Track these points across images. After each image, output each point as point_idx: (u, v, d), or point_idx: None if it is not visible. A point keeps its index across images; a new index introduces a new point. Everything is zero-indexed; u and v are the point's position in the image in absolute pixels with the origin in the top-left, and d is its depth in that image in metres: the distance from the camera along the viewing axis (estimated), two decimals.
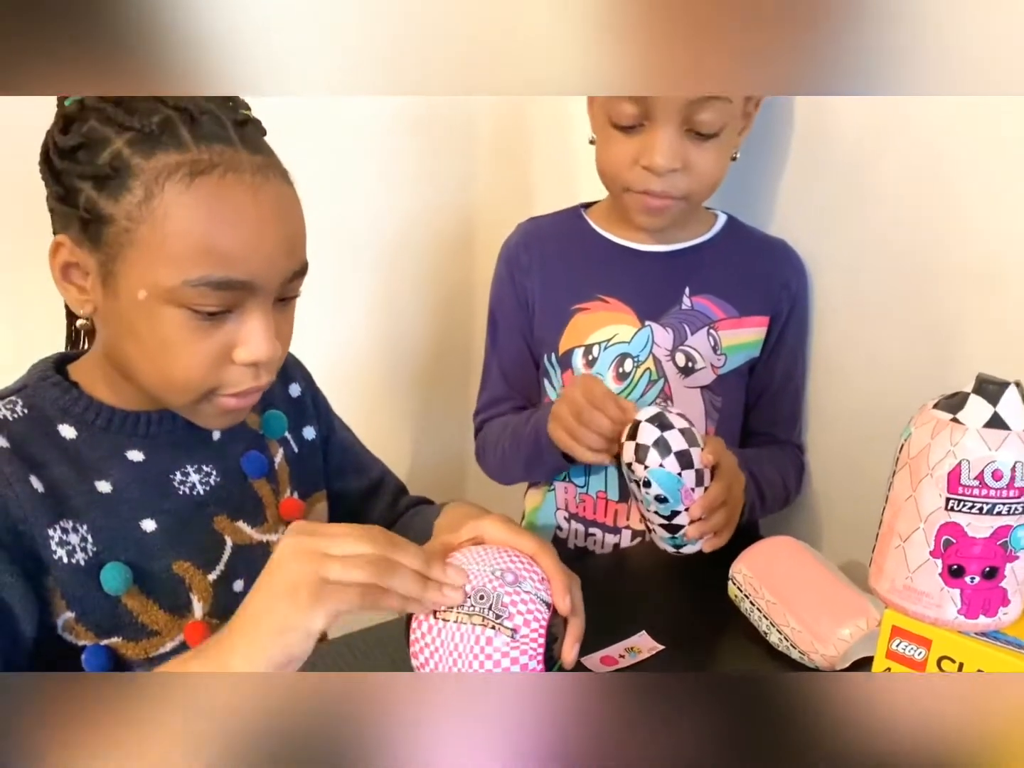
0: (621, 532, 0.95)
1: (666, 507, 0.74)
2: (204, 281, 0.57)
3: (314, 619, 0.49)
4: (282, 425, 0.77)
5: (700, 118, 0.80)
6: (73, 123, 0.58)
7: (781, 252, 0.94)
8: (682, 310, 0.92)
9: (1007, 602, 0.53)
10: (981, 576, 0.52)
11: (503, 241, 1.00)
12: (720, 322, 0.92)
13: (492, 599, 0.55)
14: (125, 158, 0.56)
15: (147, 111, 0.56)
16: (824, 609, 0.67)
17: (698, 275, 0.92)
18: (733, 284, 0.92)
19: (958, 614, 0.53)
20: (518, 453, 0.92)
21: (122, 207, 0.56)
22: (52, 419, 0.64)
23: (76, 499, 0.62)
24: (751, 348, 0.93)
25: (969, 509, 0.51)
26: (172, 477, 0.68)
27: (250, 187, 0.57)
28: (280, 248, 0.60)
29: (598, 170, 0.89)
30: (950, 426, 0.52)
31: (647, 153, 0.82)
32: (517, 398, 1.00)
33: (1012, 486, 0.51)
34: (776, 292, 0.93)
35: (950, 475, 0.51)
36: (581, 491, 0.96)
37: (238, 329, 0.60)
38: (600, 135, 0.87)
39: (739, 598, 0.73)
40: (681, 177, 0.83)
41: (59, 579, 0.60)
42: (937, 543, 0.52)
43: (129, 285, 0.58)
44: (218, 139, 0.57)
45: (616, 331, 0.92)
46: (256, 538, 0.72)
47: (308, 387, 0.81)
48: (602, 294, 0.93)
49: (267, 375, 0.63)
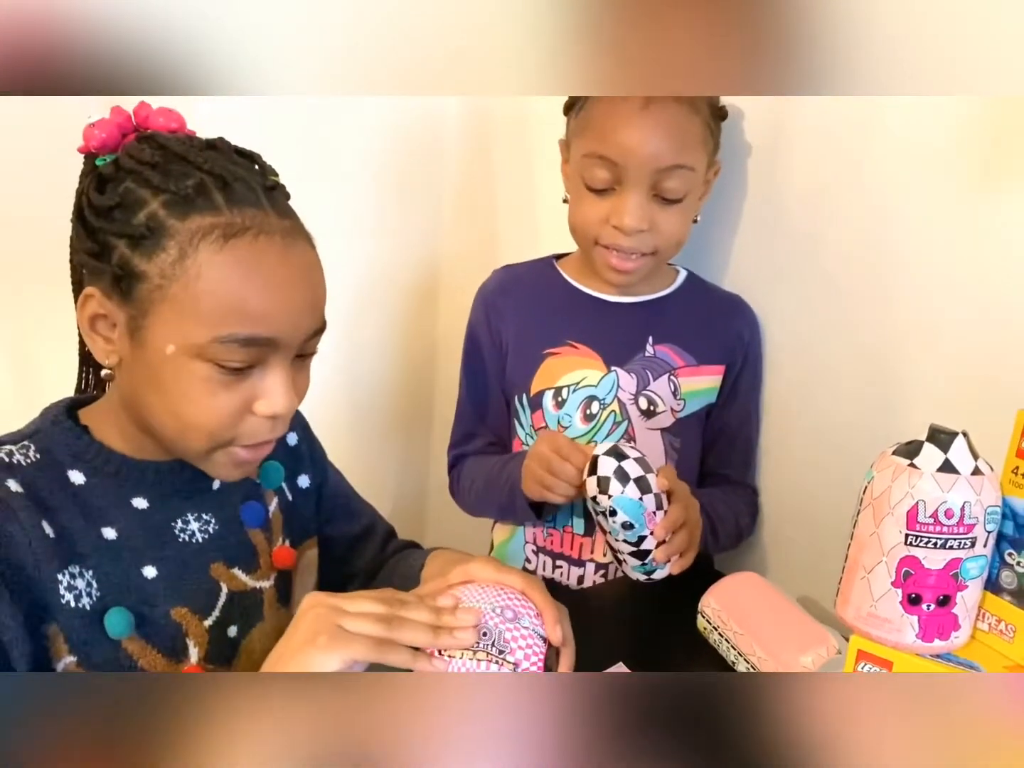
0: (585, 565, 1.00)
1: (632, 533, 0.79)
2: (233, 338, 0.59)
3: (330, 662, 0.53)
4: (279, 476, 0.79)
5: (667, 185, 0.87)
6: (108, 183, 0.61)
7: (736, 306, 1.02)
8: (645, 357, 0.98)
9: (958, 627, 0.60)
10: (936, 604, 0.59)
11: (477, 287, 1.05)
12: (680, 369, 0.99)
13: (494, 635, 0.58)
14: (161, 219, 0.58)
15: (182, 174, 0.59)
16: (787, 639, 0.73)
17: (660, 325, 0.99)
18: (692, 335, 0.99)
19: (916, 638, 0.59)
20: (491, 500, 0.97)
21: (156, 265, 0.58)
22: (63, 464, 0.64)
23: (83, 545, 0.63)
24: (708, 394, 1.00)
25: (925, 544, 0.58)
26: (173, 525, 0.69)
27: (280, 249, 0.60)
28: (305, 308, 0.62)
29: (571, 226, 0.95)
30: (908, 470, 0.59)
31: (617, 214, 0.89)
32: (489, 435, 1.05)
33: (962, 523, 0.57)
34: (731, 343, 1.00)
35: (908, 514, 0.58)
36: (549, 525, 1.01)
37: (259, 384, 0.62)
38: (574, 195, 0.93)
39: (708, 630, 0.78)
40: (648, 237, 0.90)
41: (64, 624, 0.61)
42: (898, 574, 0.59)
43: (157, 339, 0.60)
44: (250, 203, 0.60)
45: (584, 375, 0.98)
46: (250, 585, 0.73)
47: (304, 436, 0.83)
48: (572, 340, 0.99)
49: (282, 427, 0.66)
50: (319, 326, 0.65)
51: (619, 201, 0.89)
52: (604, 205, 0.90)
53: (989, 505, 0.58)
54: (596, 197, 0.90)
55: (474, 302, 1.04)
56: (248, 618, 0.73)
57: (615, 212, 0.89)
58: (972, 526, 0.58)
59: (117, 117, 0.63)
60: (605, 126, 0.87)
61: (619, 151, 0.86)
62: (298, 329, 0.62)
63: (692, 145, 0.88)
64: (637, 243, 0.90)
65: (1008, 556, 0.61)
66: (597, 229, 0.91)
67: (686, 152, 0.87)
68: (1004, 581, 0.61)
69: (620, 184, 0.88)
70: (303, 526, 0.81)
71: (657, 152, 0.86)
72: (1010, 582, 0.61)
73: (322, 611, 0.55)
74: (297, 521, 0.80)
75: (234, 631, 0.71)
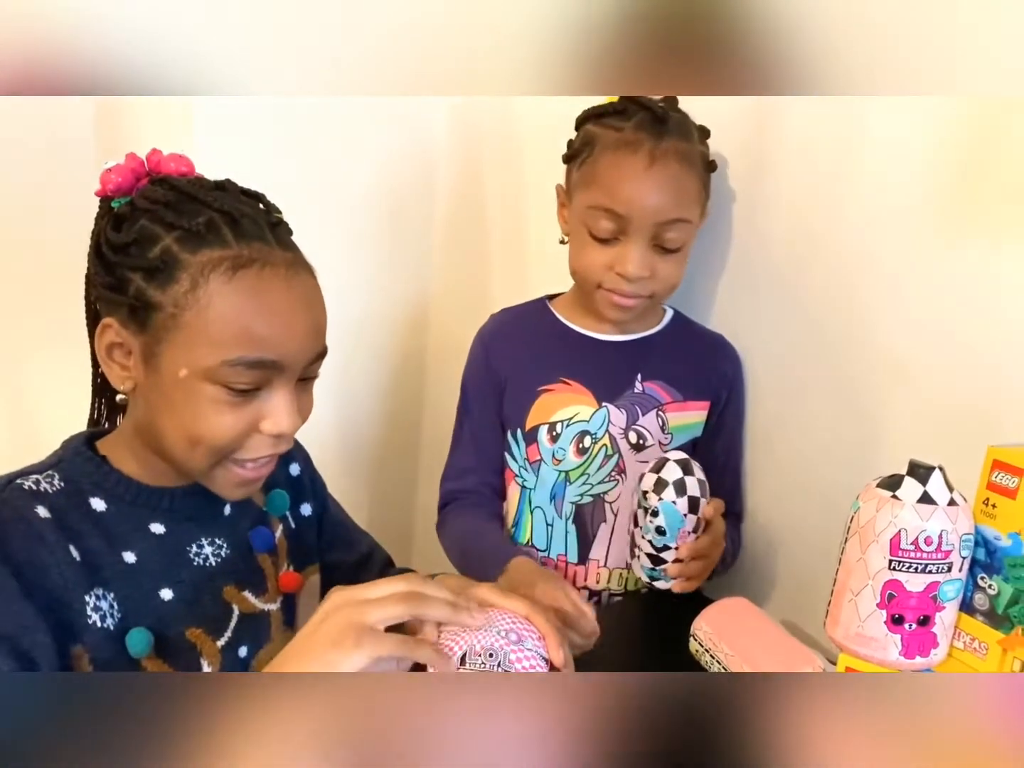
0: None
1: (661, 539, 0.86)
2: (240, 361, 0.63)
3: (355, 662, 0.55)
4: (285, 503, 0.82)
5: (667, 236, 0.94)
6: (124, 222, 0.65)
7: (719, 345, 1.08)
8: (634, 393, 1.04)
9: (937, 644, 0.65)
10: (917, 623, 0.64)
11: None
12: (667, 405, 1.04)
13: (500, 657, 0.61)
14: (174, 253, 0.63)
15: (193, 212, 0.64)
16: (775, 660, 0.78)
17: (648, 363, 1.05)
18: (678, 372, 1.05)
19: (899, 655, 0.65)
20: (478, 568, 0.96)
21: (169, 296, 0.63)
22: (85, 493, 0.68)
23: (106, 569, 0.66)
24: (694, 429, 1.06)
25: (907, 569, 0.63)
26: (188, 549, 0.72)
27: (284, 279, 0.65)
28: (308, 333, 0.67)
29: (573, 270, 1.01)
30: (891, 501, 0.64)
31: (621, 262, 0.95)
32: (484, 471, 1.09)
33: (939, 550, 0.63)
34: (715, 380, 1.06)
35: (892, 541, 0.64)
36: (543, 554, 1.05)
37: (265, 404, 0.66)
38: (577, 242, 0.99)
39: (700, 652, 0.83)
40: (647, 283, 0.96)
41: (90, 644, 0.64)
42: (882, 597, 0.64)
43: (171, 364, 0.64)
44: (256, 238, 0.65)
45: (577, 410, 1.03)
46: (259, 607, 0.77)
47: (306, 467, 0.87)
48: (565, 377, 1.04)
49: (284, 444, 0.70)
50: (321, 350, 0.70)
51: (623, 250, 0.95)
52: (608, 253, 0.96)
53: (964, 533, 0.64)
54: (600, 245, 0.96)
55: (472, 345, 1.09)
56: (257, 639, 0.76)
57: (619, 260, 0.95)
58: (949, 552, 0.63)
59: (131, 163, 0.68)
60: (612, 181, 0.93)
61: (625, 205, 0.93)
62: (301, 353, 0.67)
63: (690, 200, 0.95)
64: (637, 288, 0.96)
65: (981, 580, 0.66)
66: (601, 275, 0.97)
67: (685, 206, 0.94)
68: (977, 603, 0.67)
69: (624, 234, 0.94)
70: (307, 553, 0.84)
71: (660, 207, 0.92)
72: (983, 604, 0.66)
73: (347, 611, 0.57)
74: (301, 548, 0.83)
75: (244, 651, 0.74)
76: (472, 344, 1.09)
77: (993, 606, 0.66)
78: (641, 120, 0.94)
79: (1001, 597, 0.65)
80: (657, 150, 0.92)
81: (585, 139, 0.98)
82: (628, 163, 0.92)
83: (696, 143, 0.97)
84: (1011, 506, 0.64)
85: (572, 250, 1.00)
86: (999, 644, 0.65)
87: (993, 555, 0.66)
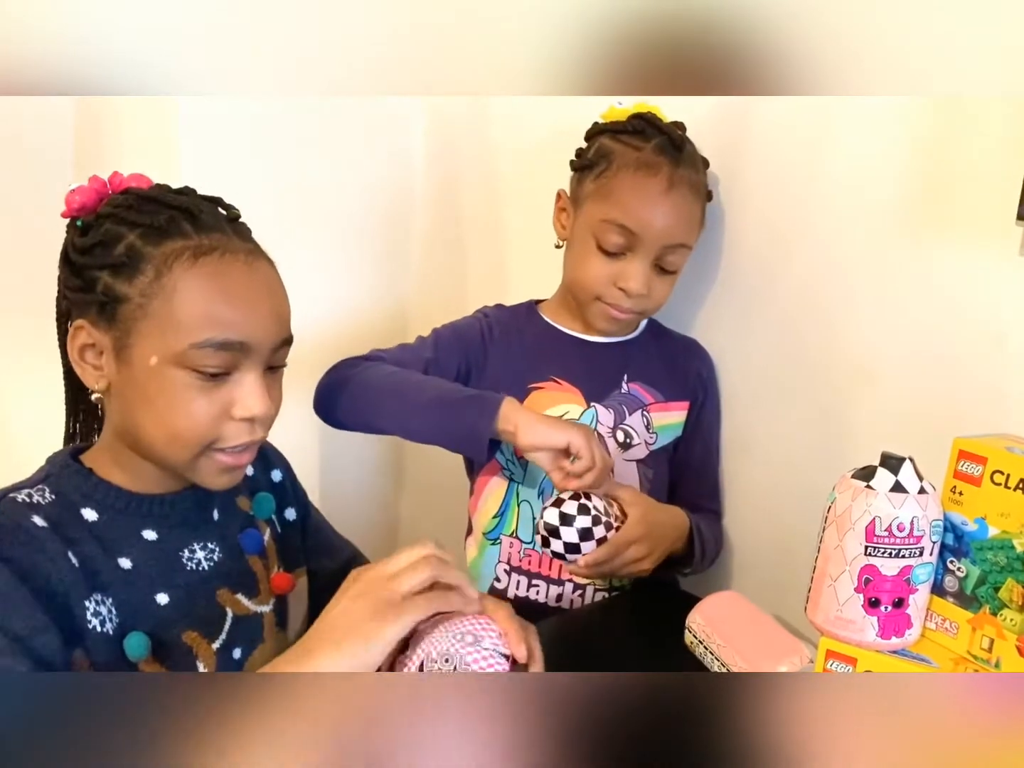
0: (564, 584, 1.06)
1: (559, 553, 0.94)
2: (208, 343, 0.66)
3: (396, 630, 0.60)
4: (270, 506, 0.85)
5: (669, 258, 0.99)
6: (91, 229, 0.69)
7: (692, 348, 1.12)
8: (621, 393, 1.08)
9: (911, 625, 0.69)
10: (892, 606, 0.68)
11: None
12: (651, 405, 1.08)
13: (456, 660, 0.63)
14: (138, 248, 0.67)
15: (154, 212, 0.68)
16: (765, 649, 0.81)
17: (632, 365, 1.09)
18: (658, 374, 1.09)
19: (876, 636, 0.69)
20: (419, 404, 0.96)
21: (136, 287, 0.66)
22: (76, 503, 0.70)
23: (104, 575, 0.68)
24: (676, 428, 1.10)
25: (882, 554, 0.67)
26: (181, 554, 0.74)
27: (243, 266, 0.69)
28: (271, 316, 0.70)
29: (573, 279, 1.04)
30: (865, 491, 0.68)
31: (624, 278, 0.99)
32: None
33: (911, 535, 0.67)
34: (692, 381, 1.10)
35: (867, 528, 0.68)
36: (527, 546, 1.08)
37: (236, 390, 0.69)
38: (580, 250, 1.02)
39: (694, 644, 0.86)
40: (643, 300, 1.01)
41: (90, 647, 0.66)
42: (859, 581, 0.68)
43: (142, 353, 0.67)
44: (215, 229, 0.69)
45: (567, 409, 1.07)
46: (252, 609, 0.79)
47: (287, 474, 0.90)
48: (554, 376, 1.07)
49: (261, 430, 0.72)
50: (286, 336, 0.73)
51: (628, 266, 0.99)
52: (612, 267, 1.00)
53: (933, 519, 0.68)
54: (605, 258, 1.00)
55: (474, 314, 1.13)
56: (251, 641, 0.78)
57: (622, 276, 0.99)
58: (920, 537, 0.68)
59: (95, 184, 0.71)
60: (629, 199, 0.97)
61: (639, 224, 0.97)
62: (266, 336, 0.70)
63: (693, 226, 1.01)
64: (634, 304, 1.01)
65: (950, 563, 0.71)
66: (602, 288, 1.01)
67: (689, 232, 1.00)
68: (947, 585, 0.71)
69: (631, 251, 0.99)
70: (293, 556, 0.86)
71: (669, 230, 0.97)
72: (952, 586, 0.71)
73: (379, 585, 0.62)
74: (288, 551, 0.86)
75: (238, 653, 0.76)
76: (473, 314, 1.13)
77: (962, 587, 0.70)
78: (660, 144, 0.98)
79: (969, 579, 0.69)
80: (675, 176, 0.97)
81: (601, 152, 1.01)
82: (647, 185, 0.97)
83: (702, 173, 1.02)
84: (976, 493, 0.69)
85: (573, 258, 1.04)
86: (968, 623, 0.70)
87: (961, 539, 0.70)
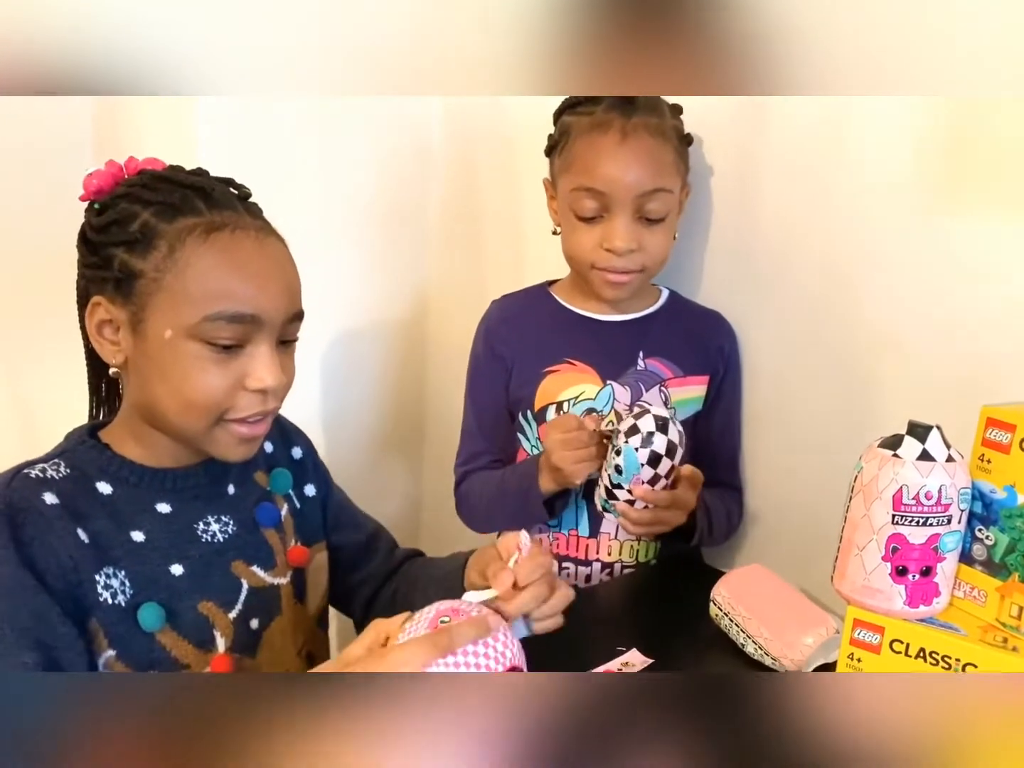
0: (592, 564, 1.07)
1: (617, 478, 0.92)
2: (220, 315, 0.68)
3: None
4: (287, 482, 0.86)
5: (649, 207, 0.98)
6: (107, 208, 0.70)
7: (715, 321, 1.11)
8: (637, 370, 1.07)
9: (939, 594, 0.69)
10: (920, 574, 0.68)
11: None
12: (669, 380, 1.08)
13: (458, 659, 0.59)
14: (152, 225, 0.68)
15: (168, 190, 0.69)
16: (791, 621, 0.81)
17: (649, 340, 1.08)
18: (677, 348, 1.08)
19: (904, 605, 0.68)
20: (503, 505, 1.05)
21: (150, 262, 0.68)
22: (91, 477, 0.71)
23: (116, 548, 0.70)
24: (695, 403, 1.09)
25: (909, 523, 0.67)
26: (196, 527, 0.76)
27: (254, 241, 0.70)
28: (281, 290, 0.72)
29: (566, 254, 1.04)
30: (892, 460, 0.68)
31: (608, 238, 0.98)
32: (495, 452, 1.12)
33: (939, 503, 0.67)
34: (713, 355, 1.09)
35: (894, 497, 0.67)
36: (555, 530, 1.08)
37: (249, 362, 0.71)
38: (566, 226, 1.02)
39: (719, 616, 0.86)
40: (637, 255, 1.00)
41: (103, 620, 0.68)
42: (887, 550, 0.68)
43: (157, 327, 0.68)
44: (227, 207, 0.71)
45: (583, 389, 1.06)
46: (268, 581, 0.80)
47: (308, 451, 0.91)
48: (569, 358, 1.07)
49: (274, 401, 0.74)
50: (296, 311, 0.74)
51: (609, 226, 0.98)
52: (595, 231, 0.99)
53: (961, 487, 0.68)
54: (587, 225, 1.00)
55: (476, 332, 1.13)
56: (268, 612, 0.80)
57: (606, 236, 0.98)
58: (948, 506, 0.67)
59: (111, 167, 0.73)
60: (589, 161, 0.97)
61: (604, 181, 0.96)
62: (276, 310, 0.71)
63: (666, 170, 0.99)
64: (628, 262, 1.00)
65: (978, 532, 0.70)
66: (592, 255, 1.00)
67: (662, 176, 0.98)
68: (976, 553, 0.71)
69: (608, 211, 0.98)
70: (313, 531, 0.87)
71: (638, 179, 0.96)
72: (981, 554, 0.70)
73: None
74: (307, 526, 0.87)
75: (256, 624, 0.78)
76: (476, 332, 1.13)
77: (991, 555, 0.69)
78: (611, 102, 0.97)
79: (998, 547, 0.69)
80: (628, 126, 0.96)
81: (562, 129, 1.02)
82: (601, 142, 0.96)
83: (668, 117, 1.00)
84: (1005, 460, 0.68)
85: (563, 236, 1.04)
86: (997, 591, 0.69)
87: (989, 507, 0.69)
